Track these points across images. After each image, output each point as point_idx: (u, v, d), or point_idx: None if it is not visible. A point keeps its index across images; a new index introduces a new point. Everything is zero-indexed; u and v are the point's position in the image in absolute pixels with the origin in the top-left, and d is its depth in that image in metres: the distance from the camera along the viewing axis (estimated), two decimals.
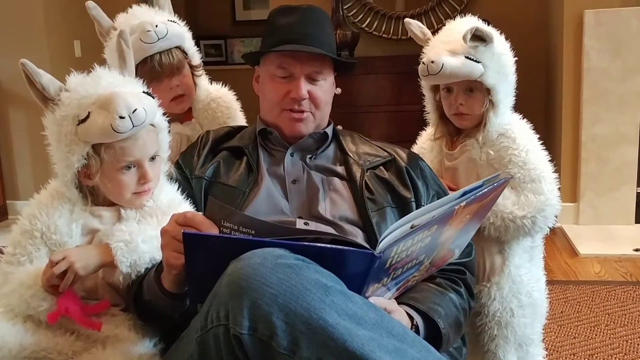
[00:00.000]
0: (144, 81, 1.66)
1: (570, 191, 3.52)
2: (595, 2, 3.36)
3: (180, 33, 1.71)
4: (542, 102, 3.99)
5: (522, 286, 1.56)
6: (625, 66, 3.36)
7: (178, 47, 1.71)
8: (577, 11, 3.39)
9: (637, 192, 3.47)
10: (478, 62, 1.47)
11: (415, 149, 1.71)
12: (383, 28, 4.09)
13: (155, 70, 1.66)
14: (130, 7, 1.73)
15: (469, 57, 1.46)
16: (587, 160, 3.47)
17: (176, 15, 1.78)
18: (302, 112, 1.41)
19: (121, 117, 1.14)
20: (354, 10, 4.10)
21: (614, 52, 3.35)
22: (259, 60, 1.48)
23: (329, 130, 1.48)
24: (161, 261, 1.12)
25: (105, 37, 1.70)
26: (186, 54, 1.73)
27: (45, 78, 1.19)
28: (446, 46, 1.50)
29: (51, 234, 1.23)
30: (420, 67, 1.52)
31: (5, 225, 4.00)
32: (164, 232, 1.08)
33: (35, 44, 3.91)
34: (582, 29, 3.38)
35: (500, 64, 1.50)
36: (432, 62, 1.47)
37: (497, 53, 1.49)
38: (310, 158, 1.44)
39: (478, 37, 1.46)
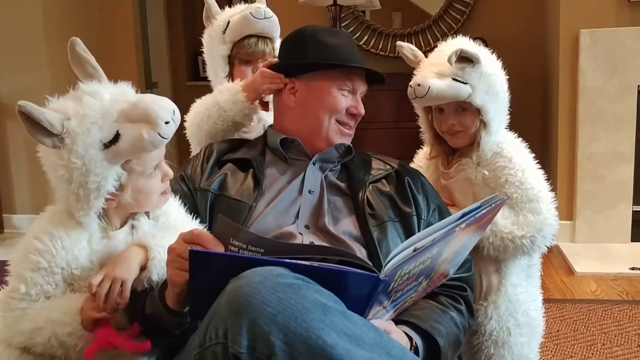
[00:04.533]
0: (234, 59, 1.86)
1: (567, 209, 3.53)
2: (591, 22, 3.40)
3: (278, 28, 1.89)
4: (538, 120, 4.01)
5: (519, 305, 1.56)
6: (621, 85, 3.38)
7: (272, 42, 1.88)
8: (573, 31, 3.43)
9: (633, 211, 3.48)
10: (465, 83, 1.48)
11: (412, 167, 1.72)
12: (380, 45, 4.12)
13: (248, 51, 1.84)
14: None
15: (456, 78, 1.48)
16: (584, 179, 3.49)
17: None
18: (351, 127, 1.48)
19: (166, 123, 1.10)
20: (352, 28, 4.13)
21: (610, 71, 3.38)
22: (289, 72, 1.48)
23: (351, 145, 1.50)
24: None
25: (208, 20, 1.91)
26: (273, 51, 1.89)
27: (48, 113, 1.08)
28: (434, 68, 1.52)
29: (72, 270, 1.16)
30: (408, 90, 1.54)
31: (2, 238, 3.99)
32: (170, 250, 1.08)
33: (35, 58, 3.94)
34: (578, 48, 3.41)
35: (488, 84, 1.51)
36: (419, 85, 1.49)
37: (486, 73, 1.50)
38: (331, 169, 1.45)
39: (465, 59, 1.47)
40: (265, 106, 1.90)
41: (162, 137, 1.10)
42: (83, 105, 1.11)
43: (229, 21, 1.87)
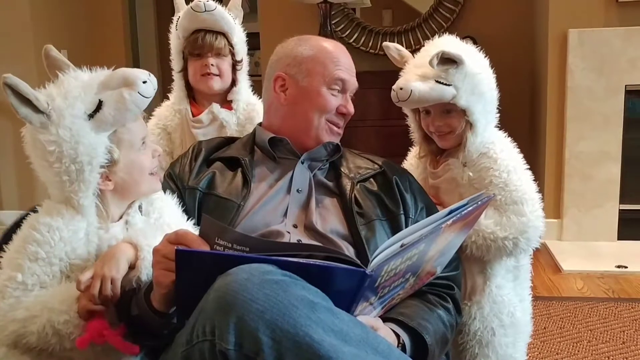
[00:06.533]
0: (186, 54, 1.88)
1: (554, 208, 3.55)
2: (579, 22, 3.42)
3: (229, 22, 1.86)
4: (526, 119, 4.03)
5: (504, 306, 1.55)
6: (609, 85, 3.40)
7: (225, 37, 1.87)
8: (562, 30, 3.44)
9: (619, 209, 3.51)
10: (449, 85, 1.45)
11: (404, 165, 1.71)
12: (370, 43, 4.12)
13: (197, 43, 1.84)
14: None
15: (439, 80, 1.45)
16: (571, 177, 3.51)
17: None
18: (340, 126, 1.49)
19: (144, 82, 1.16)
20: (342, 26, 4.13)
21: (598, 71, 3.40)
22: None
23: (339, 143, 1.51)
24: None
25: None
26: (232, 46, 1.89)
27: (33, 90, 1.13)
28: (418, 70, 1.50)
29: (71, 260, 1.17)
30: (391, 93, 1.52)
31: None
32: (155, 251, 1.08)
33: (23, 53, 3.90)
34: (566, 47, 3.42)
35: (474, 84, 1.47)
36: (401, 88, 1.48)
37: (470, 73, 1.46)
38: (319, 168, 1.45)
39: (448, 60, 1.44)
40: (227, 106, 1.91)
41: (143, 96, 1.16)
42: (64, 85, 1.17)
43: (179, 17, 1.88)
